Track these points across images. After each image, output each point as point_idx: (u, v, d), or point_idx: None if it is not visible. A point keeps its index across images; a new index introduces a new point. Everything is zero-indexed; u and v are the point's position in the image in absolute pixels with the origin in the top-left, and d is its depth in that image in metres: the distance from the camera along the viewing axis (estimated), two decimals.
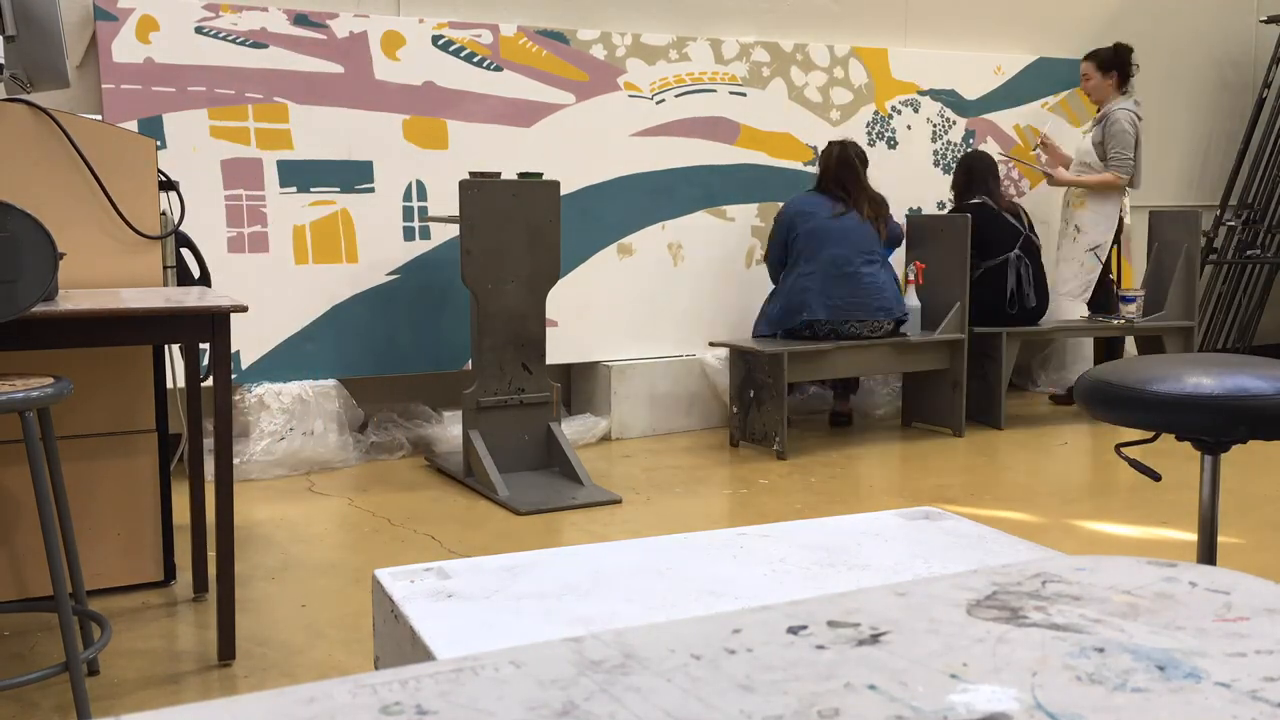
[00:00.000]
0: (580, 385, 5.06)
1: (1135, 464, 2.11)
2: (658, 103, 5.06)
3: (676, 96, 5.11)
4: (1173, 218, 5.59)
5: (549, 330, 4.52)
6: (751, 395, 4.62)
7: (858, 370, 4.84)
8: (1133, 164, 5.31)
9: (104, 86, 4.08)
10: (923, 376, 5.05)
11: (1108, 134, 5.32)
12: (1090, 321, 5.36)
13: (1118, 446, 2.16)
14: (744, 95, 5.26)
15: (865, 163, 4.85)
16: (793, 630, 0.55)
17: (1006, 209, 5.10)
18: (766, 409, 4.55)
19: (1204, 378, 1.84)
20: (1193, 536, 3.44)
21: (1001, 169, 5.59)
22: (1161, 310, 5.41)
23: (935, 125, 5.73)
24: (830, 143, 4.89)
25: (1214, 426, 1.84)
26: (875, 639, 0.54)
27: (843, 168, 4.76)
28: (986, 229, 5.01)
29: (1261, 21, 6.75)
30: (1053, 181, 5.57)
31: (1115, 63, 5.41)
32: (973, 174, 5.18)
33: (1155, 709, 0.46)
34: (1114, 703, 0.46)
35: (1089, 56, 5.49)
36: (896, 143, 5.62)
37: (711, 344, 4.80)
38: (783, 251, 4.75)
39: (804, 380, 4.94)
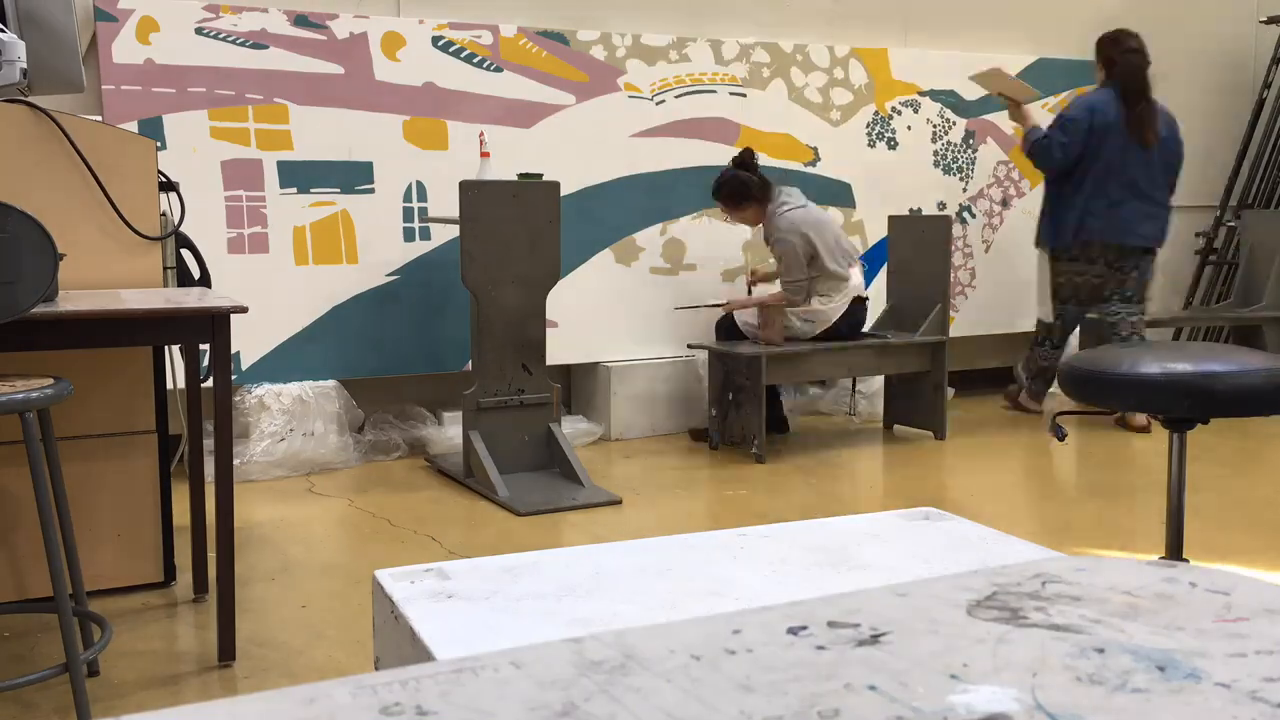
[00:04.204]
0: (580, 386, 5.06)
1: (1055, 427, 2.43)
2: (658, 103, 5.06)
3: (676, 97, 5.11)
4: (1266, 218, 5.93)
5: (549, 331, 4.52)
6: (730, 398, 4.59)
7: (838, 372, 4.78)
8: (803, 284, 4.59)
9: (104, 87, 4.08)
10: (903, 379, 5.00)
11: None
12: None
13: (1055, 416, 2.41)
14: (744, 96, 5.26)
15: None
16: (793, 631, 0.55)
17: None
18: (745, 412, 4.50)
19: (1169, 363, 2.07)
20: (1193, 535, 3.44)
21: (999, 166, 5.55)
22: (1261, 302, 5.76)
23: (935, 126, 5.73)
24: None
25: (1168, 404, 2.06)
26: (875, 639, 0.54)
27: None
28: None
29: (1261, 22, 6.75)
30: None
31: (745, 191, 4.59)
32: None
33: (1155, 710, 0.46)
34: (1114, 703, 0.46)
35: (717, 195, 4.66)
36: (897, 144, 5.63)
37: (690, 346, 4.75)
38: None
39: (785, 383, 4.84)
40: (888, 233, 5.09)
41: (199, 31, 4.24)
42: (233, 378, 4.03)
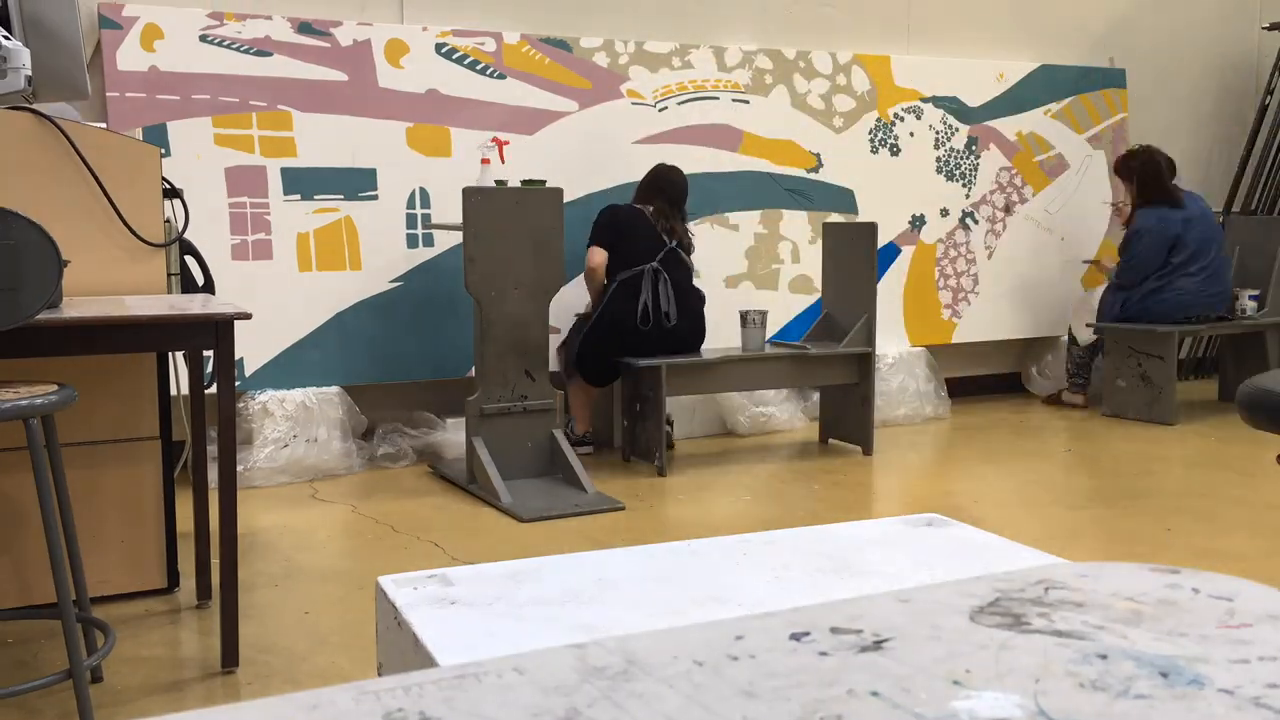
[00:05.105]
0: None
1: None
2: (660, 110, 5.07)
3: (679, 104, 5.12)
4: (1253, 223, 5.92)
5: (552, 337, 4.52)
6: (638, 409, 4.45)
7: (750, 384, 4.58)
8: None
9: (108, 94, 4.09)
10: (834, 391, 4.81)
11: None
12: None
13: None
14: (746, 103, 5.27)
15: None
16: (795, 637, 0.55)
17: (663, 226, 4.52)
18: (648, 424, 4.36)
19: None
20: (1196, 541, 3.43)
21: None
22: (1264, 309, 5.77)
23: (938, 132, 5.73)
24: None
25: None
26: (878, 645, 0.54)
27: None
28: (630, 232, 4.50)
29: (1264, 28, 6.75)
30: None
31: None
32: (650, 185, 4.66)
33: (1158, 716, 0.46)
34: (1117, 709, 0.46)
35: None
36: (899, 150, 5.63)
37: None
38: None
39: (683, 394, 4.57)
40: (821, 240, 4.94)
41: (203, 39, 4.25)
42: (236, 384, 4.04)
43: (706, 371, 4.44)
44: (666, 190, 4.62)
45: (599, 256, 4.51)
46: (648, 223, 4.51)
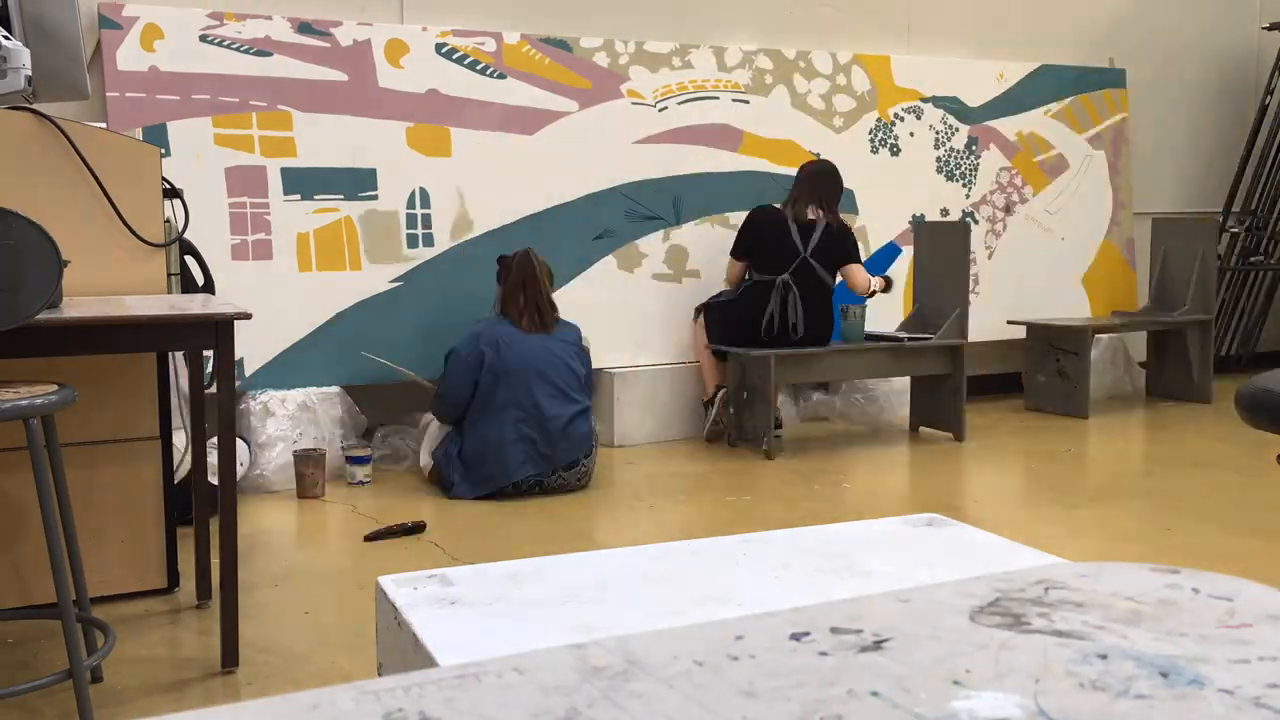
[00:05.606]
0: None
1: None
2: (660, 110, 5.07)
3: (679, 104, 5.12)
4: (1181, 227, 6.00)
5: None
6: (745, 397, 4.69)
7: (852, 374, 4.94)
8: None
9: (108, 94, 4.09)
10: (925, 381, 5.11)
11: None
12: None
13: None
14: (747, 103, 5.27)
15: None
16: (795, 637, 0.55)
17: (804, 224, 4.66)
18: (756, 410, 4.63)
19: None
20: (1195, 541, 3.43)
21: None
22: (1184, 306, 5.91)
23: (938, 132, 5.73)
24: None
25: None
26: (878, 645, 0.54)
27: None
28: (766, 237, 4.69)
29: (1263, 28, 6.75)
30: None
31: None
32: (814, 184, 4.80)
33: (1158, 716, 0.46)
34: (1117, 709, 0.46)
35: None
36: (899, 150, 5.63)
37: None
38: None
39: (797, 383, 4.94)
40: (913, 238, 5.26)
41: (203, 39, 4.25)
42: (236, 384, 4.04)
43: (811, 361, 4.72)
44: (816, 187, 4.81)
45: (735, 270, 4.85)
46: (785, 229, 4.72)
